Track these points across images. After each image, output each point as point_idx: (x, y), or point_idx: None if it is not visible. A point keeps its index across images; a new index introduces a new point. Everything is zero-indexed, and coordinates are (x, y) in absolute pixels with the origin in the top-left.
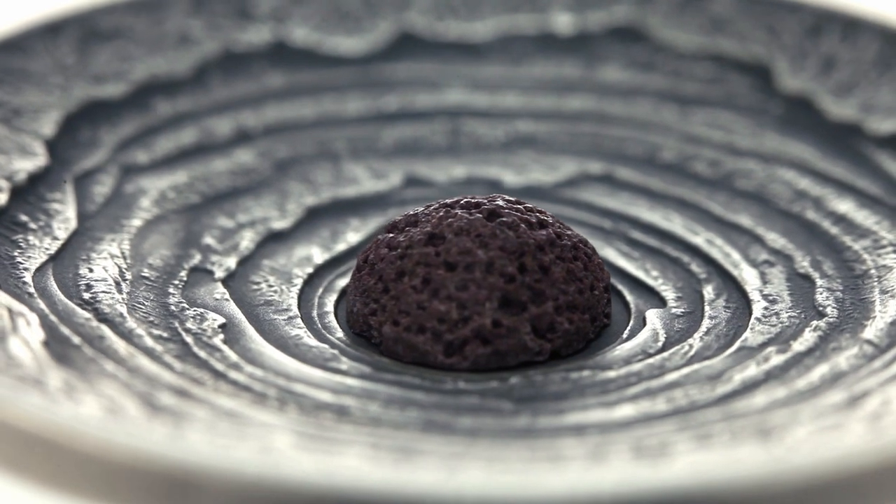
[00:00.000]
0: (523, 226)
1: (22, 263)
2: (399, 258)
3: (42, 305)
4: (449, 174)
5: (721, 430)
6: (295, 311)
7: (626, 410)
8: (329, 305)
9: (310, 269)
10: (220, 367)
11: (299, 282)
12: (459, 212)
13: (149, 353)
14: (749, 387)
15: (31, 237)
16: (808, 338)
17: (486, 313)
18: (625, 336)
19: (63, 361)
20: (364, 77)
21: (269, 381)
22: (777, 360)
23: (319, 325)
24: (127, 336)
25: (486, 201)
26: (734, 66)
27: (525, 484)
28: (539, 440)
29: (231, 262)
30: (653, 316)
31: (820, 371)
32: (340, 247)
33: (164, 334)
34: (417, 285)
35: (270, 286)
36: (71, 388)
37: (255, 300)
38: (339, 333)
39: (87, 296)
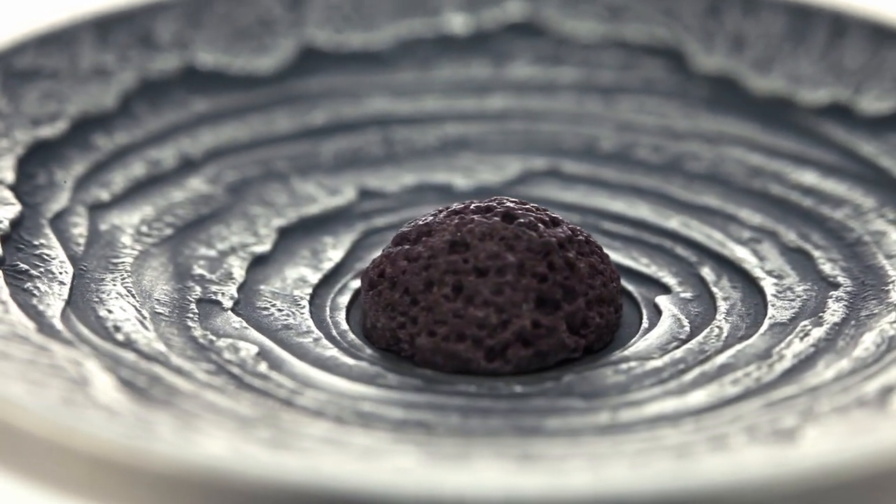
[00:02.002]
0: (541, 225)
1: (45, 312)
2: (424, 269)
3: (87, 351)
4: (399, 183)
5: (816, 405)
6: (317, 332)
7: (698, 397)
8: (343, 324)
9: (308, 290)
10: (282, 394)
11: (305, 303)
12: (476, 217)
13: (211, 387)
14: (806, 361)
15: (39, 284)
16: (834, 308)
17: (524, 315)
18: (646, 325)
19: (149, 404)
20: (283, 94)
21: (337, 404)
22: (817, 332)
23: (346, 344)
24: (180, 373)
25: (495, 204)
26: (643, 51)
27: (681, 474)
28: (634, 433)
29: (231, 290)
30: (665, 303)
31: (870, 339)
32: (327, 265)
33: (211, 367)
34: (449, 294)
35: (280, 310)
36: (184, 429)
37: (273, 325)
38: (368, 350)
39: (120, 337)
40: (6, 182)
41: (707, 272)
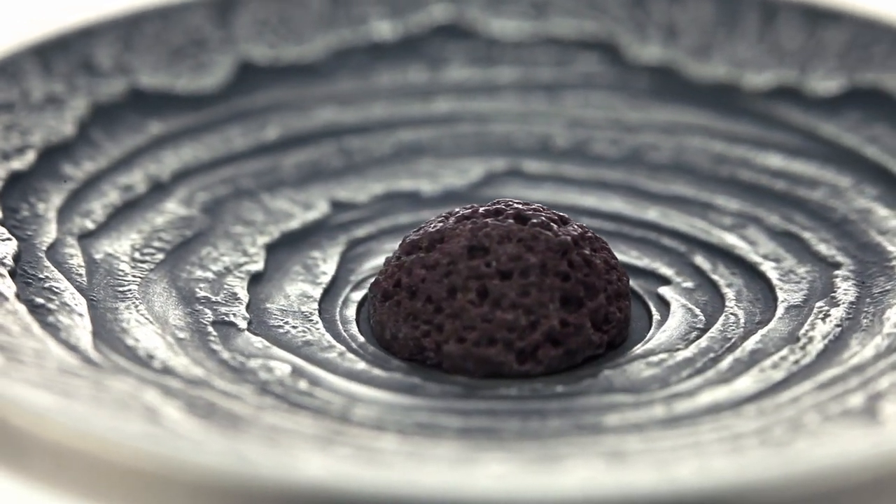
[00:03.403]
0: (554, 224)
1: (77, 345)
2: (445, 276)
3: (135, 381)
4: (368, 193)
5: (874, 384)
6: (338, 346)
7: (745, 383)
8: (359, 336)
9: (314, 305)
10: (335, 411)
11: (316, 318)
12: (489, 220)
13: (265, 409)
14: (837, 342)
15: (60, 318)
16: (845, 288)
17: (552, 315)
18: (658, 318)
19: (222, 430)
20: (232, 111)
21: (391, 417)
22: (836, 312)
23: (370, 357)
24: (229, 396)
25: (503, 206)
26: (576, 46)
27: (786, 460)
28: (700, 423)
29: (240, 310)
30: (669, 294)
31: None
32: (324, 279)
33: (254, 389)
34: (474, 299)
35: (294, 327)
36: (275, 454)
37: (293, 342)
38: (394, 361)
39: (157, 364)
40: None
41: (701, 261)
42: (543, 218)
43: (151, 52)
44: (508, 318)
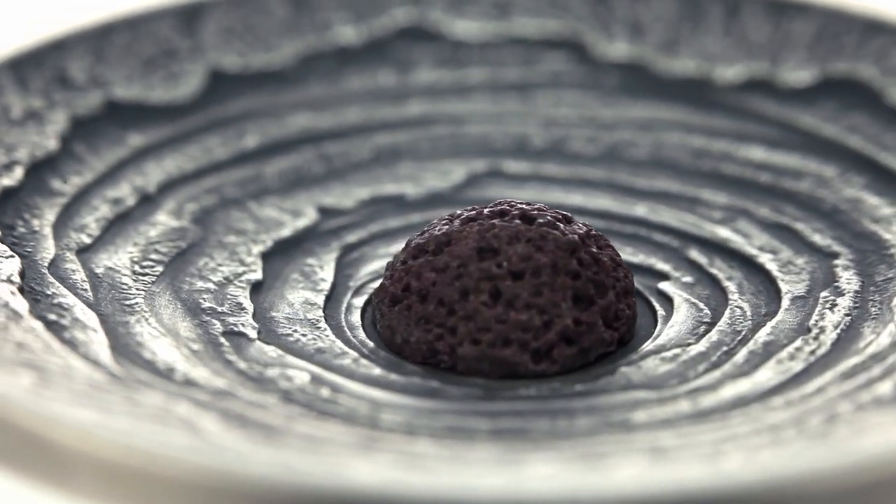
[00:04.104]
0: (560, 224)
1: (98, 360)
2: (456, 278)
3: (164, 395)
4: (354, 198)
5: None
6: (351, 352)
7: (766, 375)
8: (368, 341)
9: (319, 313)
10: (362, 417)
11: (323, 325)
12: (495, 221)
13: (295, 418)
14: (849, 331)
15: (76, 333)
16: (847, 277)
17: (565, 314)
18: (664, 313)
19: (262, 440)
20: (209, 120)
21: (419, 422)
22: (843, 302)
23: (384, 362)
24: (257, 407)
25: (506, 206)
26: (542, 45)
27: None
28: (730, 417)
29: (247, 319)
30: (671, 289)
31: None
32: (324, 286)
33: (278, 398)
34: (487, 300)
35: (304, 335)
36: (323, 463)
37: (306, 350)
38: (409, 366)
39: (179, 377)
40: None
41: (696, 255)
42: (549, 217)
43: (123, 63)
44: (523, 319)
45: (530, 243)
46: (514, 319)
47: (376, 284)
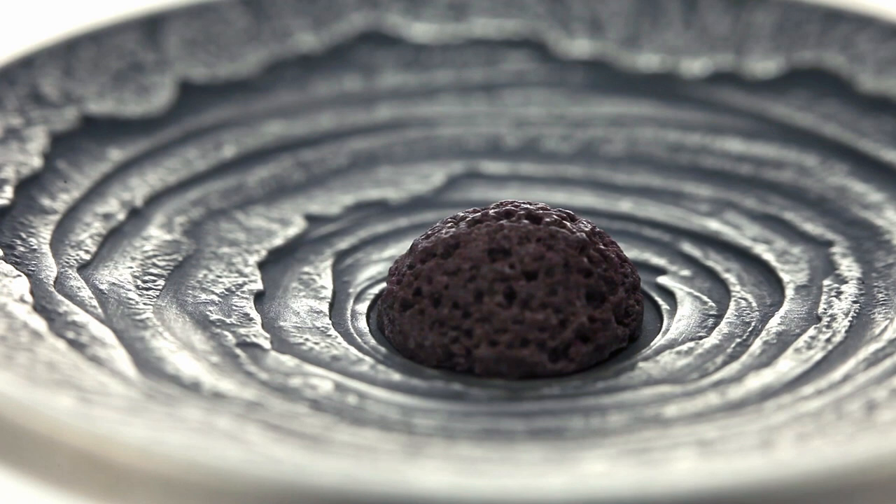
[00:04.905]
0: (566, 222)
1: (127, 378)
2: (469, 280)
3: (203, 410)
4: (340, 205)
5: None
6: (367, 358)
7: (788, 365)
8: (380, 347)
9: (326, 320)
10: (395, 423)
11: (333, 332)
12: (504, 222)
13: (331, 428)
14: (861, 317)
15: (98, 351)
16: (849, 266)
17: (580, 312)
18: (668, 308)
19: (308, 451)
20: (184, 132)
21: (454, 425)
22: (848, 289)
23: (401, 367)
24: (292, 417)
25: (511, 207)
26: (503, 45)
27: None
28: (764, 408)
29: (258, 330)
30: (671, 284)
31: None
32: (325, 293)
33: (308, 408)
34: (502, 301)
35: (316, 343)
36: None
37: (322, 358)
38: (427, 370)
39: (208, 391)
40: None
41: (690, 248)
42: (555, 216)
43: (93, 78)
44: (539, 318)
45: (541, 242)
46: (531, 319)
47: (376, 290)
